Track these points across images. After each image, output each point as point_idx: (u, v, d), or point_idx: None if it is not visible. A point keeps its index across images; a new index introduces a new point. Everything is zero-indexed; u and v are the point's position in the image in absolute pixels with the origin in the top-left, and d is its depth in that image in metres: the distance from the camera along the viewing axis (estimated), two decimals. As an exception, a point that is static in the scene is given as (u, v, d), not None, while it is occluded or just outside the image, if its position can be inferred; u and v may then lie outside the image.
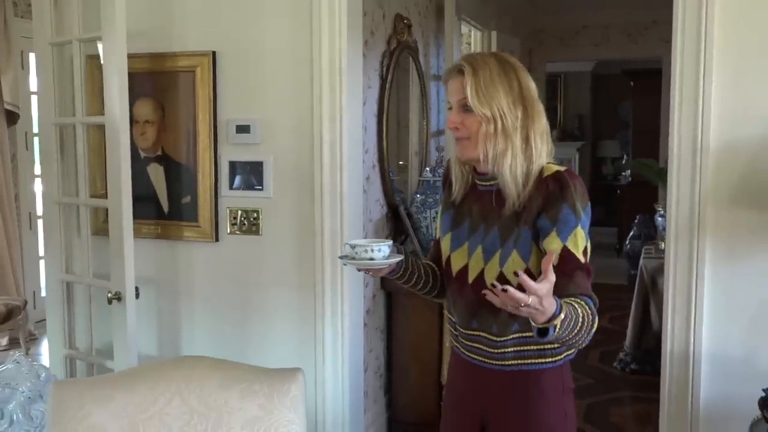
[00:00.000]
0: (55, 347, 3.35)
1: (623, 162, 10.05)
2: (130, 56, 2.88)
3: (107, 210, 3.16)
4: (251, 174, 3.13)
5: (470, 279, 1.82)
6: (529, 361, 1.80)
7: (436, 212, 3.78)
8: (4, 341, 5.38)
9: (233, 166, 3.15)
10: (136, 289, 2.96)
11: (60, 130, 3.26)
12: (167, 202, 3.26)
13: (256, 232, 3.14)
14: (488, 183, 1.81)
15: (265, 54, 3.08)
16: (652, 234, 6.79)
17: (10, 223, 5.66)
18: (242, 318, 3.20)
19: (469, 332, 1.86)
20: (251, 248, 3.15)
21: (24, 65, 5.96)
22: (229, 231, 3.17)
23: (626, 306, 5.47)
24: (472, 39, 5.81)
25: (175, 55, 3.17)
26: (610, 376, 4.87)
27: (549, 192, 1.71)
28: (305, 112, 3.03)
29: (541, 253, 1.72)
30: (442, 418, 2.06)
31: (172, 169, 3.23)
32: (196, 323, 3.28)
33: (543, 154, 1.75)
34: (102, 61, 3.07)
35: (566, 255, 1.69)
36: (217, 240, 3.18)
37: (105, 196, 3.25)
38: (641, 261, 4.89)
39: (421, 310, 3.57)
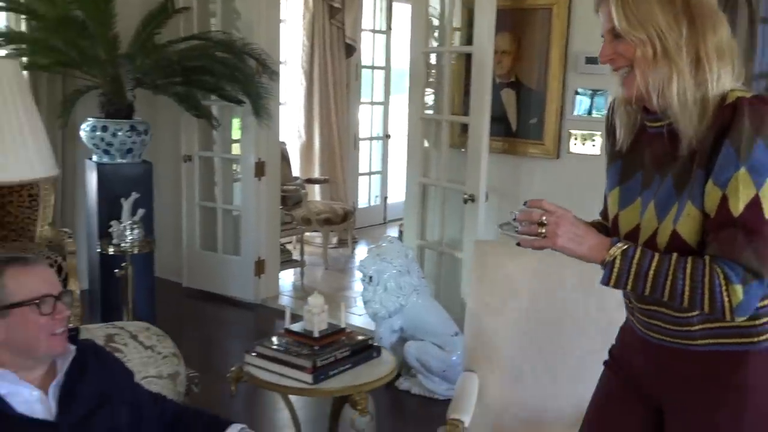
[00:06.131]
0: (410, 238, 4.07)
1: None
2: (495, -5, 3.41)
3: (461, 126, 3.79)
4: (594, 101, 3.54)
5: (641, 243, 1.46)
6: (725, 340, 1.42)
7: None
8: (335, 240, 6.39)
9: (578, 93, 3.58)
10: (486, 194, 3.56)
11: (425, 58, 3.92)
12: (515, 122, 3.79)
13: (593, 153, 3.56)
14: (659, 123, 1.45)
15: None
16: None
17: (344, 142, 6.64)
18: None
19: (645, 307, 1.51)
20: (587, 167, 3.58)
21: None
22: (569, 150, 3.63)
23: None
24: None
25: (535, -6, 3.65)
26: None
27: (720, 126, 1.34)
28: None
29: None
30: (601, 389, 1.71)
31: (523, 94, 3.74)
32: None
33: (723, 76, 1.37)
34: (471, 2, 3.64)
35: (720, 206, 1.33)
36: (557, 157, 3.66)
37: (459, 114, 3.89)
38: None
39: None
